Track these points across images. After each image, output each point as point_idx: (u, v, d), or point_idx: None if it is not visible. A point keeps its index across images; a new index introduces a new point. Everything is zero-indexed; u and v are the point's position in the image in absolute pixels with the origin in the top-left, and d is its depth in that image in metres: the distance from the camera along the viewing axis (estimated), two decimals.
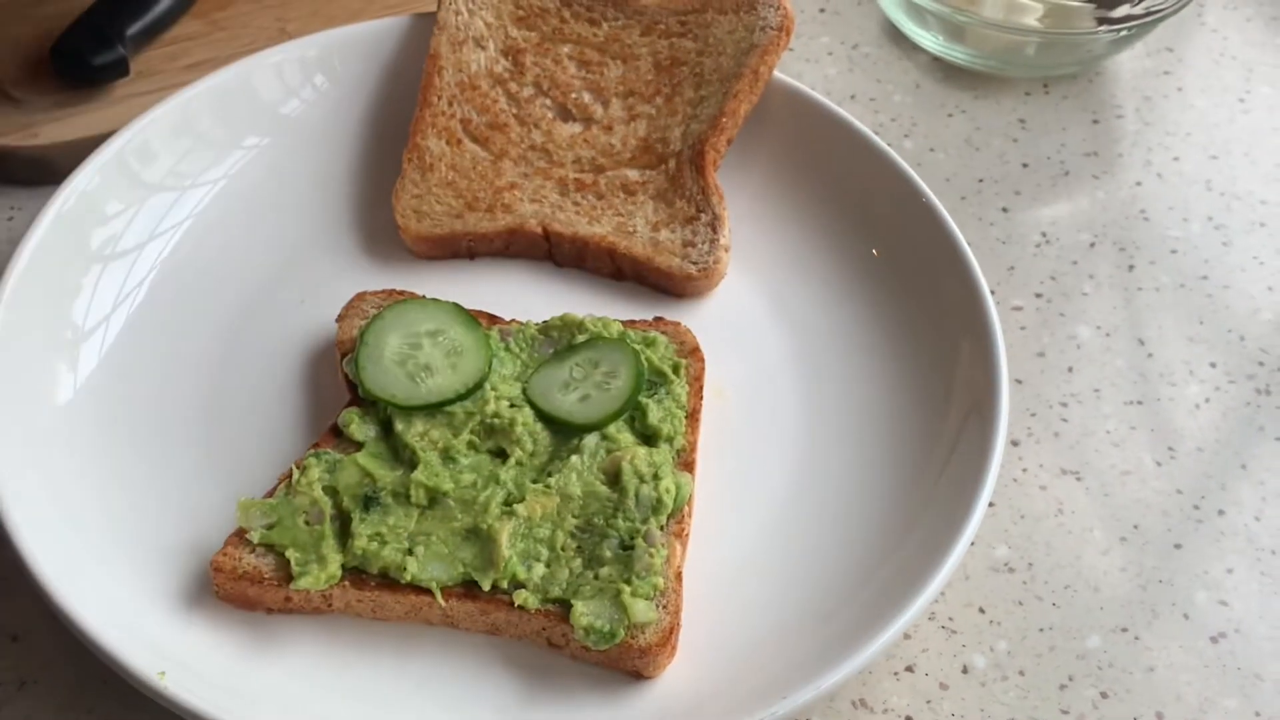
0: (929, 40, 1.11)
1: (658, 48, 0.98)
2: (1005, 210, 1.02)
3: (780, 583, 0.77)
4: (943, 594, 0.80)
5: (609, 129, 0.96)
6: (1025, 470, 0.87)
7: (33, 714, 0.74)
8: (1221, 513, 0.85)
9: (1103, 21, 1.05)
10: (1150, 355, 0.93)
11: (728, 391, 0.86)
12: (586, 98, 0.97)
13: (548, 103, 0.97)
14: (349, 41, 0.98)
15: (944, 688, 0.77)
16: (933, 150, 1.06)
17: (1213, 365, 0.93)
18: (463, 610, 0.74)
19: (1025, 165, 1.06)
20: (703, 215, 0.92)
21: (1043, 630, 0.79)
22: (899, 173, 0.92)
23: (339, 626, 0.75)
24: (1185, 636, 0.80)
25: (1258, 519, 0.85)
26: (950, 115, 1.09)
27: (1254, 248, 1.01)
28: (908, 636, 0.79)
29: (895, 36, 1.15)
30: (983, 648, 0.79)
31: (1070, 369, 0.92)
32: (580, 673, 0.73)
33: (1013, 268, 0.98)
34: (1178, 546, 0.84)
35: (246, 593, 0.74)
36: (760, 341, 0.89)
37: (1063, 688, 0.77)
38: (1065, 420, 0.89)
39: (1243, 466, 0.88)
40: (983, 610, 0.80)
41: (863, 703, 0.76)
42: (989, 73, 1.11)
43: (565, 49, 0.98)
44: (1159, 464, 0.88)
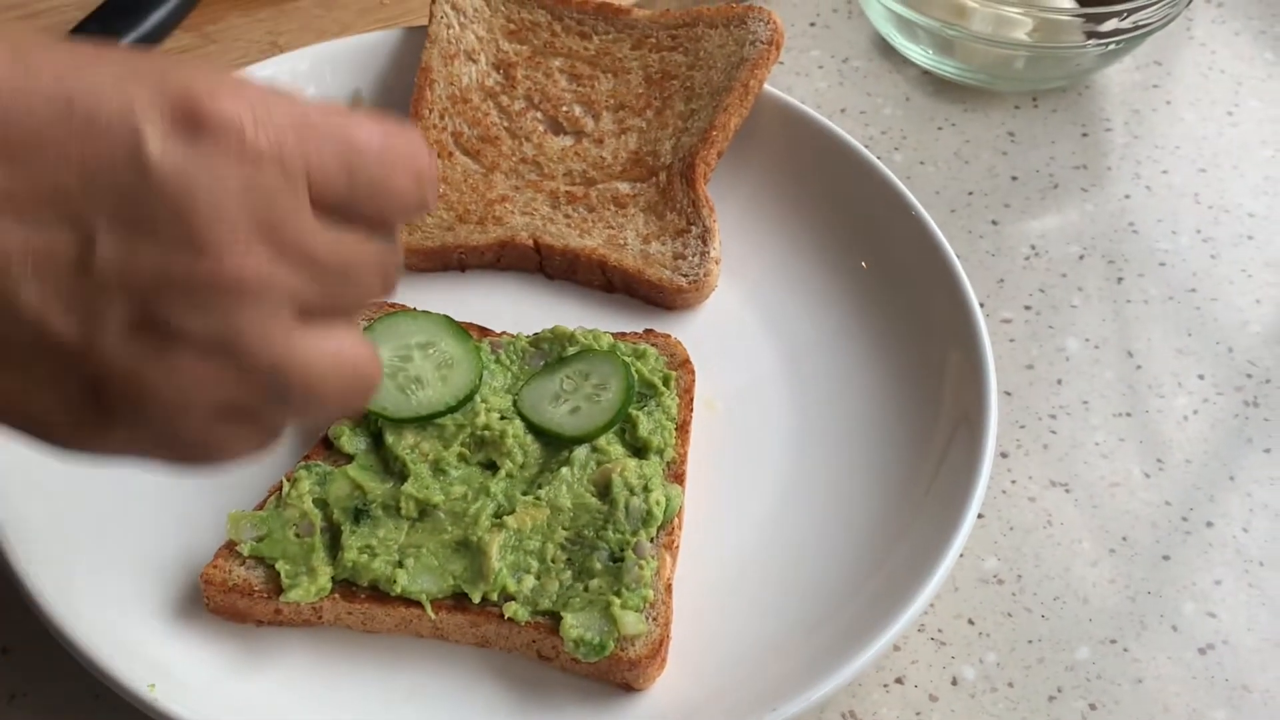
0: (919, 54, 1.12)
1: (648, 61, 0.98)
2: (994, 223, 1.03)
3: (770, 594, 0.77)
4: (932, 605, 0.80)
5: (600, 142, 0.96)
6: (1014, 482, 0.87)
7: None
8: (1210, 524, 0.86)
9: (1091, 35, 1.06)
10: (1139, 367, 0.94)
11: (718, 403, 0.86)
12: (577, 111, 0.97)
13: (539, 116, 0.97)
14: (340, 55, 0.99)
15: (933, 699, 0.77)
16: (922, 163, 1.07)
17: (1201, 377, 0.93)
18: (453, 622, 0.74)
19: (1014, 178, 1.06)
20: (693, 228, 0.92)
21: (1032, 642, 0.80)
22: (888, 186, 0.93)
23: (329, 639, 0.75)
24: (1174, 648, 0.80)
25: (1246, 530, 0.85)
26: (940, 128, 1.09)
27: (1242, 260, 1.01)
28: (897, 648, 0.79)
29: (885, 50, 1.15)
30: (972, 659, 0.79)
31: (1059, 381, 0.93)
32: (570, 685, 0.73)
33: (1002, 280, 0.99)
34: (1166, 558, 0.84)
35: (237, 605, 0.74)
36: (750, 354, 0.89)
37: (1052, 699, 0.77)
38: (1054, 432, 0.90)
39: (1231, 478, 0.88)
40: (972, 622, 0.80)
41: (852, 714, 0.76)
42: (978, 86, 1.12)
43: (556, 62, 0.99)
44: (1147, 476, 0.88)
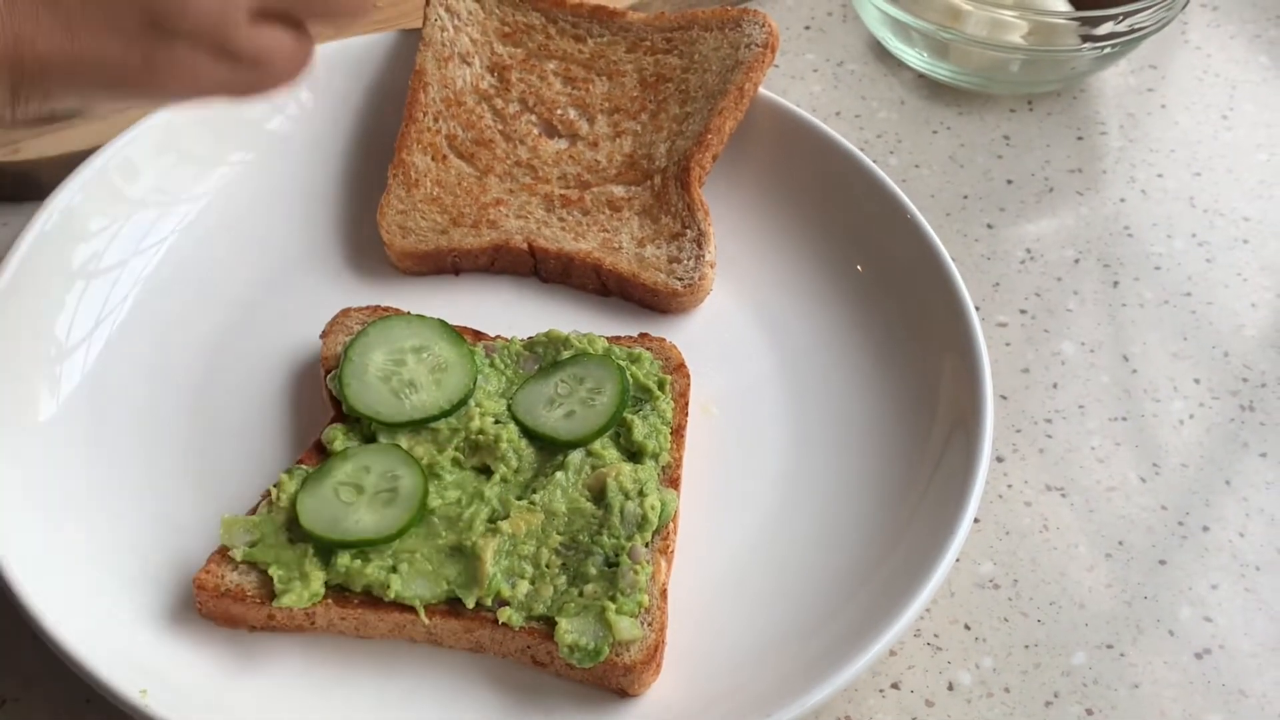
0: (914, 57, 1.11)
1: (643, 64, 0.98)
2: (990, 226, 1.02)
3: (765, 599, 0.77)
4: (928, 610, 0.80)
5: (595, 145, 0.96)
6: (1010, 486, 0.87)
7: None
8: (1206, 529, 0.85)
9: (1086, 38, 1.05)
10: (1134, 371, 0.94)
11: (713, 407, 0.86)
12: (572, 114, 0.97)
13: (533, 119, 0.97)
14: (334, 57, 0.98)
15: (929, 705, 0.77)
16: (918, 166, 1.06)
17: (1197, 381, 0.93)
18: (446, 628, 0.73)
19: (1010, 182, 1.06)
20: (688, 231, 0.92)
21: (1028, 647, 0.79)
22: (884, 189, 0.93)
23: (322, 644, 0.74)
24: (1170, 653, 0.80)
25: (1242, 535, 0.85)
26: (935, 132, 1.09)
27: (1237, 264, 1.01)
28: (893, 653, 0.78)
29: (880, 53, 1.15)
30: (968, 664, 0.78)
31: (1055, 385, 0.93)
32: (565, 690, 0.73)
33: (997, 284, 0.98)
34: (1162, 562, 0.84)
35: (229, 610, 0.73)
36: (746, 357, 0.89)
37: (1048, 704, 0.77)
38: (1050, 436, 0.90)
39: (1227, 482, 0.88)
40: (968, 627, 0.80)
41: (848, 719, 0.76)
42: (973, 89, 1.12)
43: (551, 65, 0.98)
44: (1143, 480, 0.88)
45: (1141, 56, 1.17)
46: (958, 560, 0.78)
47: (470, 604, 0.73)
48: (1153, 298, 0.98)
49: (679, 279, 0.90)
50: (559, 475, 0.77)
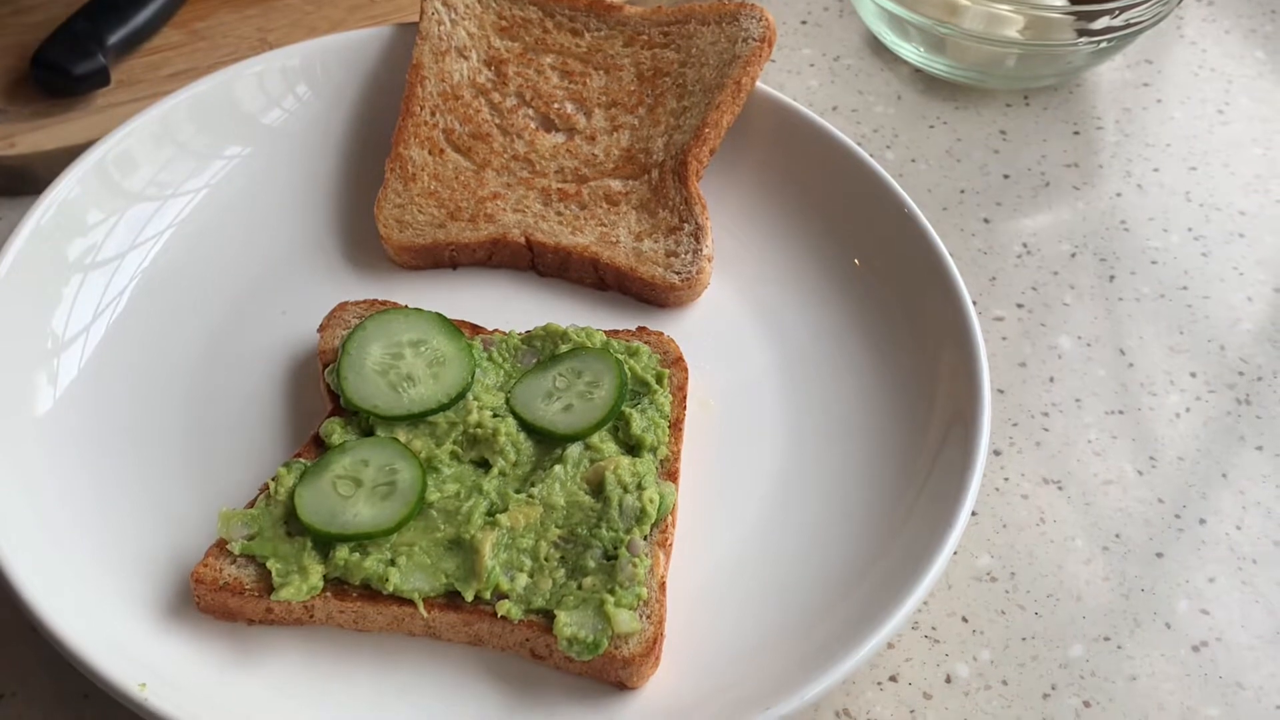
0: (910, 52, 1.11)
1: (640, 58, 0.98)
2: (987, 221, 1.03)
3: (764, 592, 0.77)
4: (926, 603, 0.80)
5: (592, 139, 0.96)
6: (1007, 479, 0.87)
7: None
8: (1203, 522, 0.86)
9: (1083, 33, 1.06)
10: (1131, 365, 0.94)
11: (711, 401, 0.86)
12: (569, 108, 0.97)
13: (530, 113, 0.97)
14: (331, 51, 0.98)
15: (927, 697, 0.77)
16: (914, 161, 1.06)
17: (1193, 375, 0.93)
18: (445, 621, 0.73)
19: (1006, 176, 1.06)
20: (686, 225, 0.92)
21: (1025, 639, 0.79)
22: (881, 183, 0.93)
23: (320, 638, 0.74)
24: (1167, 645, 0.80)
25: (1239, 528, 0.85)
26: (931, 127, 1.09)
27: (1233, 258, 1.01)
28: (891, 646, 0.79)
29: (877, 48, 1.15)
30: (966, 657, 0.79)
31: (1052, 379, 0.93)
32: (564, 683, 0.73)
33: (994, 278, 0.99)
34: (1159, 555, 0.84)
35: (227, 604, 0.73)
36: (743, 351, 0.89)
37: (1046, 697, 0.77)
38: (1047, 430, 0.90)
39: (1223, 475, 0.88)
40: (966, 619, 0.80)
41: (846, 712, 0.76)
42: (970, 84, 1.12)
43: (548, 59, 0.98)
44: (1140, 473, 0.88)
45: (1137, 51, 1.17)
46: (955, 553, 0.78)
47: (469, 597, 0.73)
48: (1149, 292, 0.99)
49: (676, 273, 0.90)
50: (557, 469, 0.77)
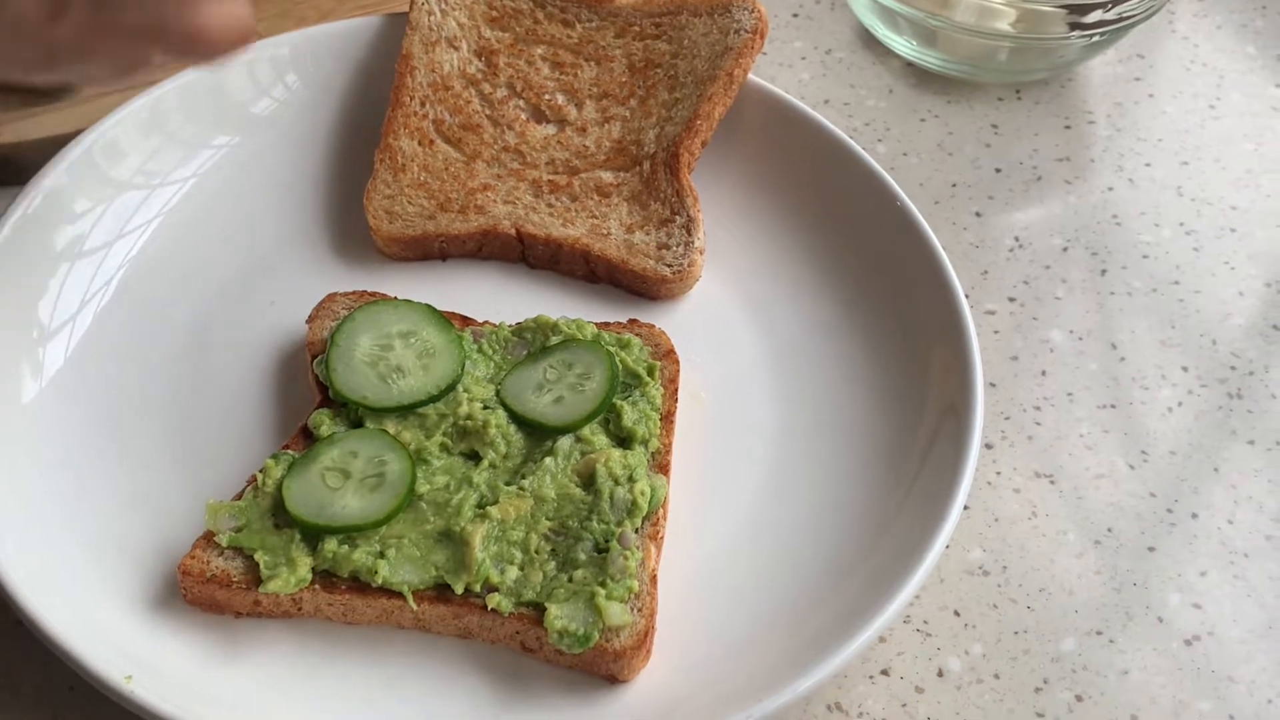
0: (902, 45, 1.11)
1: (632, 50, 0.97)
2: (978, 215, 1.02)
3: (756, 585, 0.77)
4: (918, 597, 0.80)
5: (583, 131, 0.95)
6: (999, 473, 0.87)
7: None
8: (1195, 516, 0.85)
9: (1075, 27, 1.05)
10: (1123, 359, 0.94)
11: (702, 394, 0.86)
12: (560, 99, 0.96)
13: (521, 104, 0.96)
14: (321, 41, 0.98)
15: (919, 691, 0.77)
16: (906, 155, 1.06)
17: (1185, 369, 0.93)
18: (435, 614, 0.73)
19: (998, 170, 1.06)
20: (677, 218, 0.91)
21: (1017, 633, 0.79)
22: (873, 176, 0.92)
23: (309, 630, 0.74)
24: (1159, 639, 0.80)
25: (1230, 522, 0.85)
26: (923, 120, 1.09)
27: (1225, 253, 1.01)
28: (883, 640, 0.78)
29: (868, 41, 1.15)
30: (958, 651, 0.78)
31: (1043, 373, 0.92)
32: (554, 676, 0.73)
33: (986, 272, 0.98)
34: (1151, 549, 0.84)
35: (215, 596, 0.73)
36: (735, 344, 0.89)
37: (1038, 691, 0.77)
38: (1039, 424, 0.89)
39: (1215, 470, 0.88)
40: (958, 613, 0.80)
41: (838, 706, 0.76)
42: (962, 78, 1.11)
43: (539, 50, 0.98)
44: (1132, 467, 0.88)
45: (1129, 46, 1.17)
46: (947, 547, 0.78)
47: (459, 589, 0.72)
48: (1141, 286, 0.98)
49: (668, 265, 0.90)
50: (548, 461, 0.77)
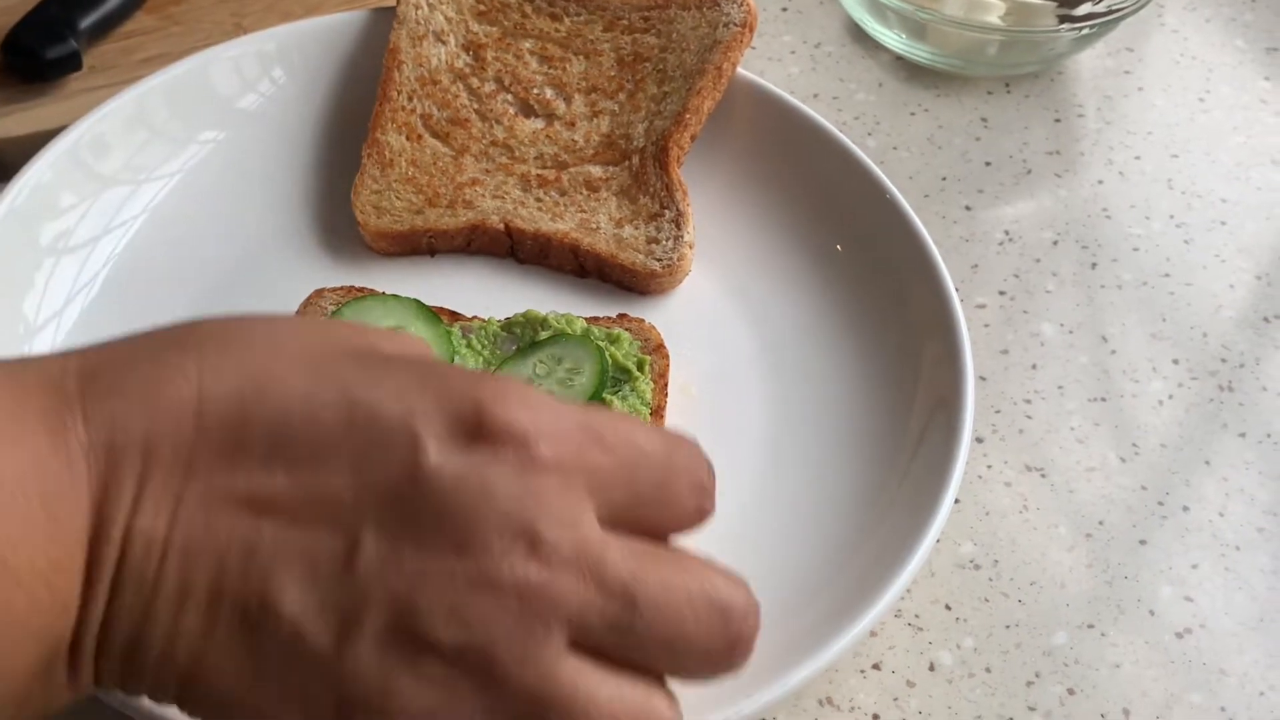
0: (891, 39, 1.11)
1: (620, 43, 0.97)
2: (968, 208, 1.02)
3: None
4: (909, 591, 0.80)
5: (571, 125, 0.95)
6: (990, 467, 0.87)
7: None
8: (1186, 509, 0.85)
9: (1064, 20, 1.05)
10: (1113, 352, 0.93)
11: (692, 388, 0.85)
12: (549, 93, 0.96)
13: (509, 98, 0.96)
14: (307, 35, 0.97)
15: (911, 685, 0.76)
16: (895, 148, 1.06)
17: (1175, 362, 0.93)
18: None
19: (988, 163, 1.06)
20: (667, 212, 0.91)
21: (1009, 627, 0.79)
22: (863, 169, 0.92)
23: None
24: (1151, 632, 0.79)
25: (1222, 515, 0.85)
26: (913, 114, 1.09)
27: (1215, 245, 1.01)
28: (874, 634, 0.78)
29: (858, 35, 1.15)
30: (949, 645, 0.78)
31: (1034, 366, 0.92)
32: None
33: (976, 265, 0.98)
34: (1142, 543, 0.84)
35: None
36: (725, 338, 0.89)
37: (1029, 684, 0.77)
38: (1029, 417, 0.89)
39: (1206, 463, 0.88)
40: (949, 607, 0.80)
41: (829, 700, 0.75)
42: (951, 71, 1.11)
43: (527, 44, 0.97)
44: (1123, 460, 0.87)
45: (1118, 39, 1.17)
46: (938, 541, 0.78)
47: None
48: (1131, 279, 0.98)
49: (657, 260, 0.89)
50: None
